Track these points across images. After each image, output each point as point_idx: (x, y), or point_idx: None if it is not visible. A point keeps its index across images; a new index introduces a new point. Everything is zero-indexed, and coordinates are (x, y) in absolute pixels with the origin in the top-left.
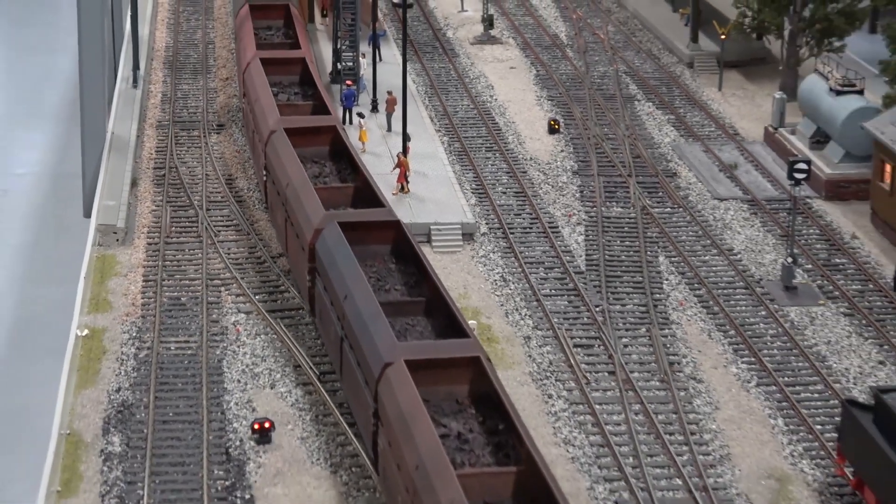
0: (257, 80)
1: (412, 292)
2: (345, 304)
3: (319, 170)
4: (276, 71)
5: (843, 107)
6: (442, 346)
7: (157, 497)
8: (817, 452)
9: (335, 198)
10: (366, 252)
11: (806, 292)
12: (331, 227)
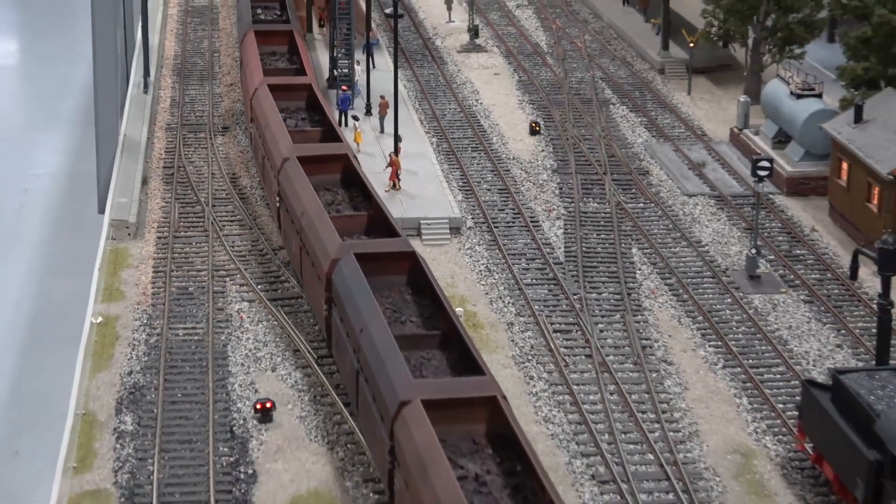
0: (266, 107)
1: (427, 324)
2: (361, 337)
3: (332, 197)
4: (284, 97)
5: (803, 109)
6: (458, 384)
7: (166, 472)
8: (779, 429)
9: (350, 226)
10: (381, 282)
11: (769, 281)
12: (347, 259)
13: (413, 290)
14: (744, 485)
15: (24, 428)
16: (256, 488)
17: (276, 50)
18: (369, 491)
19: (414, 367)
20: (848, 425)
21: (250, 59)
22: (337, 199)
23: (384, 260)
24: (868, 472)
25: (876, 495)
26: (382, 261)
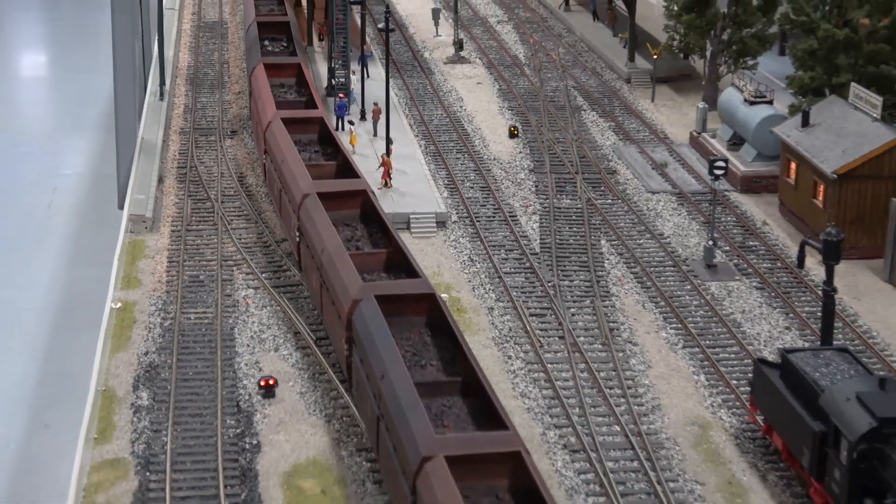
0: (282, 141)
1: (448, 369)
2: (382, 383)
3: (352, 233)
4: (297, 130)
5: (755, 115)
6: (481, 439)
7: (178, 443)
8: (733, 403)
9: (369, 264)
10: (402, 323)
11: (724, 270)
12: (368, 300)
13: (432, 331)
14: (701, 453)
15: (53, 403)
16: (260, 457)
17: (284, 82)
18: (362, 459)
19: (435, 415)
20: (795, 400)
21: (262, 91)
22: (356, 234)
23: (404, 301)
24: (813, 441)
25: (820, 463)
26: (403, 302)
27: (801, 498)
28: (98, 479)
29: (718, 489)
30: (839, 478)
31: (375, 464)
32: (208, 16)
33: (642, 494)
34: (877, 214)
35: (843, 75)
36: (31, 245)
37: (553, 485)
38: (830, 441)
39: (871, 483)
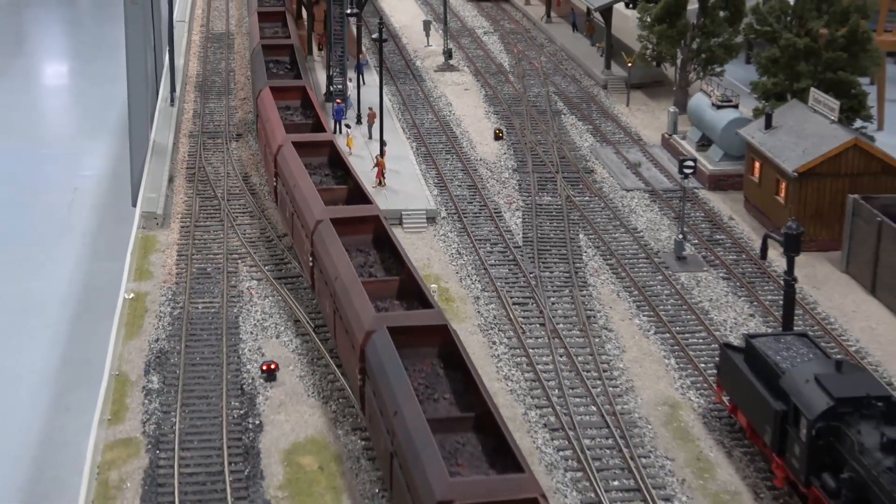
0: (293, 165)
1: (461, 403)
2: (395, 420)
3: (364, 259)
4: (307, 153)
5: (722, 118)
6: (499, 484)
7: (186, 423)
8: (701, 385)
9: (382, 291)
10: (414, 355)
11: (693, 261)
12: (381, 332)
13: (445, 363)
14: (671, 431)
15: (73, 387)
16: (262, 436)
17: (290, 104)
18: (357, 438)
19: (449, 453)
20: (758, 381)
21: (270, 115)
22: (369, 260)
23: (417, 333)
24: (775, 420)
25: (781, 439)
26: (415, 334)
27: (763, 472)
28: (112, 457)
29: (687, 464)
30: (799, 453)
31: (369, 442)
32: (216, 28)
33: (616, 469)
34: (834, 210)
35: (803, 81)
36: (53, 240)
37: (534, 461)
38: (791, 419)
39: (828, 458)
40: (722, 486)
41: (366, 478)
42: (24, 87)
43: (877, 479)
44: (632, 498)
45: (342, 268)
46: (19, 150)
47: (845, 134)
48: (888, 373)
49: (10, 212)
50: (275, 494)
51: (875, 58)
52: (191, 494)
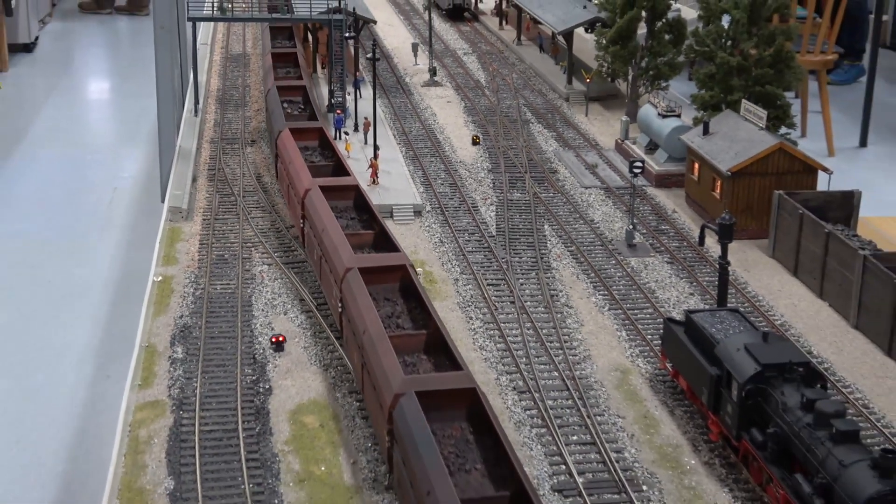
0: (321, 210)
1: (494, 476)
2: (427, 499)
3: (392, 309)
4: (334, 197)
5: (667, 125)
6: None
7: (206, 387)
8: (648, 353)
9: (410, 346)
10: (443, 418)
11: (642, 248)
12: (409, 396)
13: (474, 427)
14: (622, 393)
15: (113, 358)
16: (271, 399)
17: (308, 145)
18: (353, 400)
19: None
20: (696, 350)
21: (294, 158)
22: (396, 311)
23: (446, 397)
24: (710, 383)
25: (716, 400)
26: (445, 398)
27: (701, 428)
28: (141, 417)
29: (636, 421)
30: (731, 412)
31: (364, 402)
32: (234, 50)
33: (575, 426)
34: (762, 204)
35: (735, 94)
36: (96, 233)
37: (504, 419)
38: (724, 383)
39: (756, 416)
40: (665, 439)
41: (360, 434)
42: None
43: (797, 434)
44: (588, 450)
45: (370, 322)
46: (67, 156)
47: (771, 139)
48: (808, 343)
49: (59, 209)
50: (281, 448)
51: (797, 74)
52: (209, 449)
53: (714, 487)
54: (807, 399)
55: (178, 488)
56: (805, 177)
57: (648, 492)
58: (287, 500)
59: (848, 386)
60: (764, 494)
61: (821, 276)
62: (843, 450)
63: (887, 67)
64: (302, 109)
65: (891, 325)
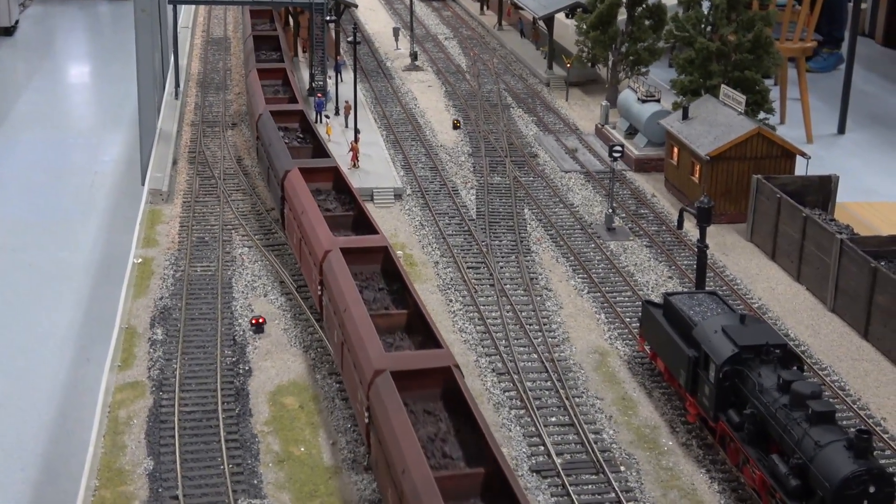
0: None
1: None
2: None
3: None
4: (358, 261)
5: (646, 110)
6: None
7: (185, 369)
8: (626, 336)
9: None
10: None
11: (621, 232)
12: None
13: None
14: (601, 375)
15: (94, 341)
16: (251, 380)
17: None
18: (333, 381)
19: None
20: (674, 332)
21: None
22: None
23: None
24: (688, 365)
25: (694, 381)
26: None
27: (678, 410)
28: (121, 398)
29: (614, 403)
30: (708, 393)
31: (342, 385)
32: (215, 33)
33: (554, 407)
34: (741, 188)
35: (714, 79)
36: (78, 216)
37: (483, 400)
38: (702, 364)
39: (733, 397)
40: (643, 421)
41: (339, 415)
42: (53, 85)
43: (774, 414)
44: (567, 431)
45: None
46: (49, 140)
47: (750, 124)
48: (786, 326)
49: (41, 192)
50: (261, 429)
51: (776, 59)
52: (189, 430)
53: (691, 468)
54: (783, 380)
55: (157, 469)
56: (783, 161)
57: (626, 472)
58: (266, 480)
59: (824, 368)
60: (740, 475)
61: (798, 260)
62: (818, 430)
63: (866, 55)
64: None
65: (867, 308)
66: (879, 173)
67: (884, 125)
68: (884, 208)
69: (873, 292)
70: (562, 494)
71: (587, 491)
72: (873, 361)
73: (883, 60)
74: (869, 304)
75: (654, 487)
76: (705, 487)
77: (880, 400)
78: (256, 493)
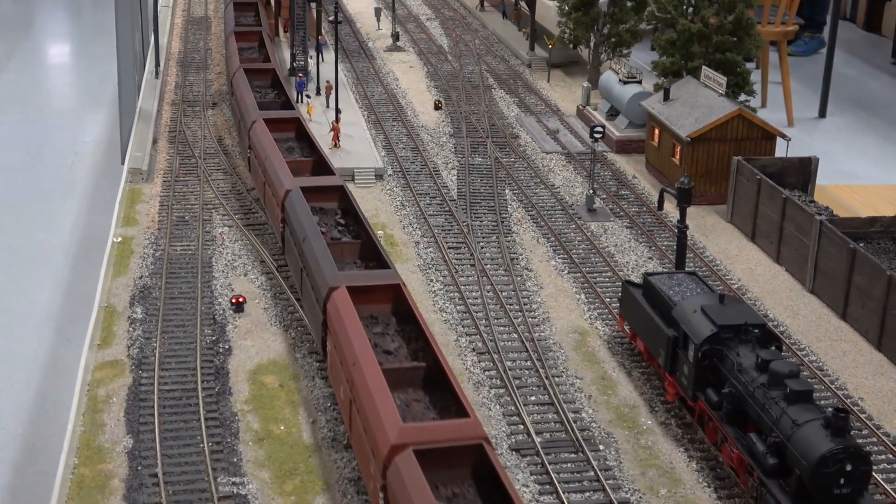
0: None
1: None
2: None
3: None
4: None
5: (628, 92)
6: None
7: (165, 347)
8: (606, 316)
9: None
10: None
11: (602, 213)
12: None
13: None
14: (581, 355)
15: (74, 322)
16: (231, 358)
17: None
18: (313, 360)
19: None
20: (653, 312)
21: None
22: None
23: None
24: (667, 344)
25: (673, 361)
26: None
27: (657, 389)
28: (100, 377)
29: (594, 382)
30: (687, 372)
31: (323, 363)
32: (196, 12)
33: (534, 387)
34: (721, 169)
35: (696, 60)
36: (57, 197)
37: (463, 380)
38: (681, 344)
39: (712, 376)
40: (622, 400)
41: (319, 394)
42: (32, 65)
43: (752, 394)
44: (546, 410)
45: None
46: (29, 119)
47: (731, 105)
48: (765, 307)
49: (20, 173)
50: (241, 408)
51: (757, 41)
52: (168, 408)
53: (670, 447)
54: (761, 360)
55: (136, 447)
56: (763, 143)
57: (605, 451)
58: (246, 458)
59: (803, 349)
60: (718, 454)
61: (778, 241)
62: (796, 409)
63: (847, 39)
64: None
65: (845, 289)
66: (860, 157)
67: (864, 109)
68: (863, 191)
69: (852, 273)
70: (541, 473)
71: (566, 469)
72: (851, 342)
73: (864, 44)
74: (847, 285)
75: (632, 466)
76: (683, 466)
77: (858, 380)
78: (236, 472)
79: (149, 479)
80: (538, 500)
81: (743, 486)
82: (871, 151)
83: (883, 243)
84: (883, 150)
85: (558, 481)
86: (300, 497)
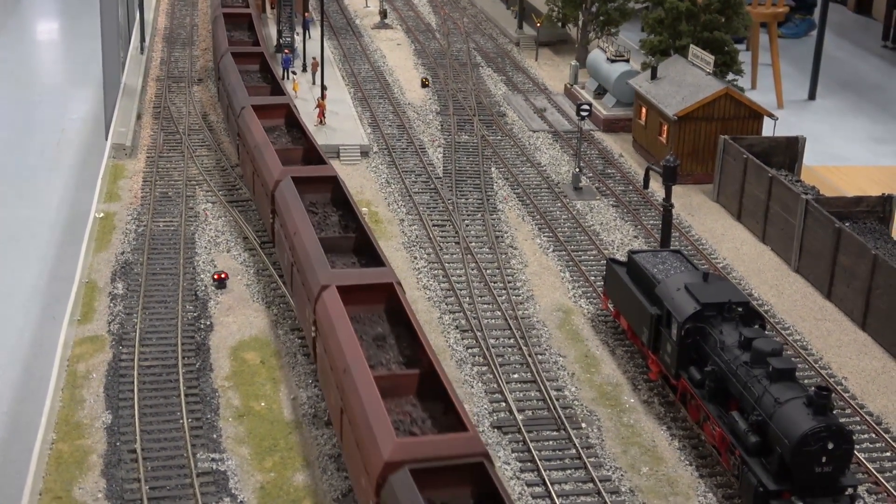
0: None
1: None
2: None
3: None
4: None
5: (615, 70)
6: None
7: (146, 323)
8: (591, 294)
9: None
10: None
11: (588, 191)
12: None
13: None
14: (564, 333)
15: (59, 299)
16: (213, 335)
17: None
18: (294, 337)
19: None
20: (637, 290)
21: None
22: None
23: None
24: (651, 322)
25: (656, 339)
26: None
27: (640, 367)
28: (80, 352)
29: (577, 360)
30: (670, 350)
31: (305, 339)
32: None
33: (517, 364)
34: (708, 148)
35: (684, 39)
36: (44, 174)
37: (446, 358)
38: (664, 322)
39: (695, 354)
40: (605, 378)
41: (300, 370)
42: (19, 41)
43: (735, 372)
44: (529, 388)
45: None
46: (15, 96)
47: (718, 84)
48: (750, 285)
49: (7, 150)
50: (221, 384)
51: (745, 20)
52: (148, 384)
53: (652, 425)
54: (744, 338)
55: (115, 422)
56: (750, 122)
57: (587, 429)
58: (226, 434)
59: (787, 328)
60: (701, 432)
61: (763, 221)
62: (778, 387)
63: (837, 22)
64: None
65: (830, 269)
66: (848, 139)
67: (854, 91)
68: (850, 171)
69: (837, 253)
70: (522, 450)
71: (548, 447)
72: (836, 321)
73: (854, 27)
74: (833, 264)
75: (614, 444)
76: (665, 444)
77: (842, 359)
78: (216, 448)
79: (127, 454)
80: (519, 478)
81: (725, 464)
82: (860, 134)
83: (868, 223)
84: (871, 132)
85: (539, 459)
86: (280, 473)
